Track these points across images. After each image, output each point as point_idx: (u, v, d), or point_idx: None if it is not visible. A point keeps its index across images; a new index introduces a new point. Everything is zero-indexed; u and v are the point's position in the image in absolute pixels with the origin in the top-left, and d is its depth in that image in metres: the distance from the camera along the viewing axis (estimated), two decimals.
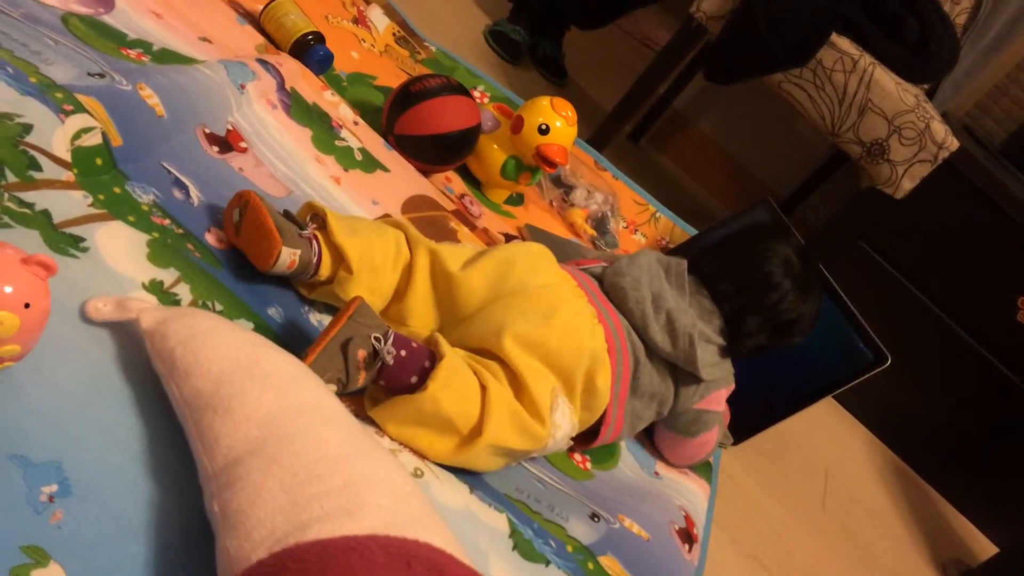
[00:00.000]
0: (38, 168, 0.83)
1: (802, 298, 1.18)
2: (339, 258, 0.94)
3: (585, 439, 1.08)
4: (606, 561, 0.98)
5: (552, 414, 0.95)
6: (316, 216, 0.96)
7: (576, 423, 1.00)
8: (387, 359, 0.85)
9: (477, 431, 0.89)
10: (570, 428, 0.98)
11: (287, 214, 0.94)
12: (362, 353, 0.84)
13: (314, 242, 0.93)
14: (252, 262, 0.92)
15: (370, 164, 1.28)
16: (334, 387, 0.82)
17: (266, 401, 0.67)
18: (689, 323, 1.09)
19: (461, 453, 0.89)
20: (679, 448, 1.22)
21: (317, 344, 0.82)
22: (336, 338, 0.83)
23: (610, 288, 1.12)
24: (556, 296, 1.02)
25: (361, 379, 0.84)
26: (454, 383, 0.87)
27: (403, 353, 0.87)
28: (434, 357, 0.89)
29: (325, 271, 0.94)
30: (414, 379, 0.87)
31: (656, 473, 1.21)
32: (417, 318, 1.00)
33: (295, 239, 0.91)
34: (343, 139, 1.27)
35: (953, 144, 1.80)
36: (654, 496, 1.16)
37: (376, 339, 0.85)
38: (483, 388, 0.90)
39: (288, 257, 0.90)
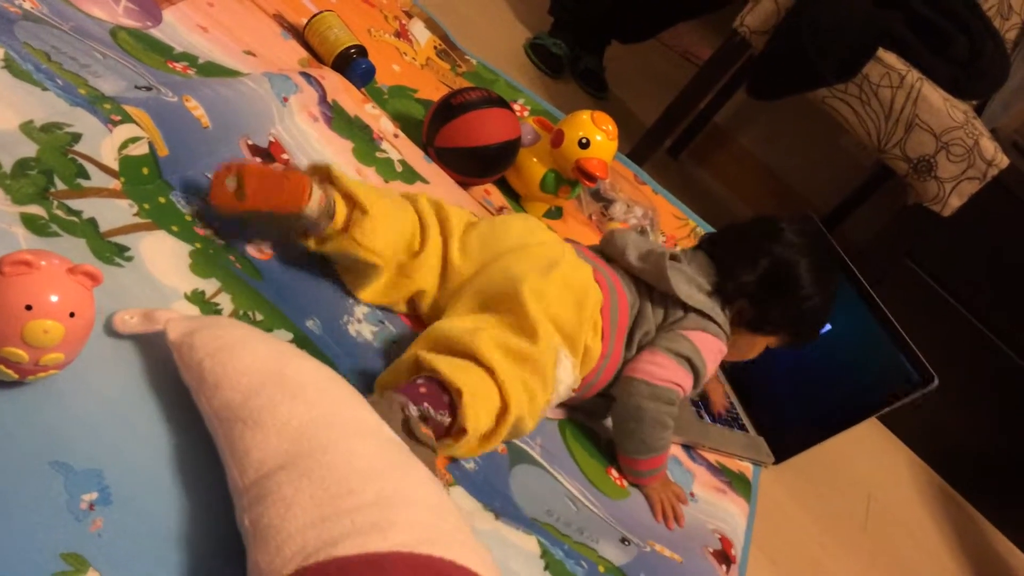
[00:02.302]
0: (86, 176, 0.84)
1: (800, 251, 1.15)
2: (351, 203, 0.94)
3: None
4: None
5: (555, 369, 0.96)
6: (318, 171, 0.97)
7: (578, 376, 1.02)
8: (432, 422, 0.84)
9: (505, 409, 0.90)
10: (572, 382, 1.00)
11: None
12: (423, 428, 0.82)
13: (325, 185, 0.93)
14: (277, 210, 0.89)
15: (410, 176, 1.28)
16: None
17: (297, 413, 0.66)
18: (665, 251, 1.13)
19: (500, 434, 0.90)
20: (644, 358, 1.08)
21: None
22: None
23: (601, 244, 1.19)
24: (555, 252, 1.05)
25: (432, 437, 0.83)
26: (480, 406, 0.87)
27: (430, 409, 0.84)
28: (444, 387, 0.86)
29: (341, 215, 0.93)
30: (448, 420, 0.85)
31: (692, 494, 1.19)
32: (427, 275, 1.02)
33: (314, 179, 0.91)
34: (384, 151, 1.28)
35: (1003, 161, 1.76)
36: (687, 520, 1.13)
37: (407, 418, 0.81)
38: (496, 380, 0.89)
39: (318, 191, 0.90)
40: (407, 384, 0.85)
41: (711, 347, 1.11)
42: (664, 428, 1.08)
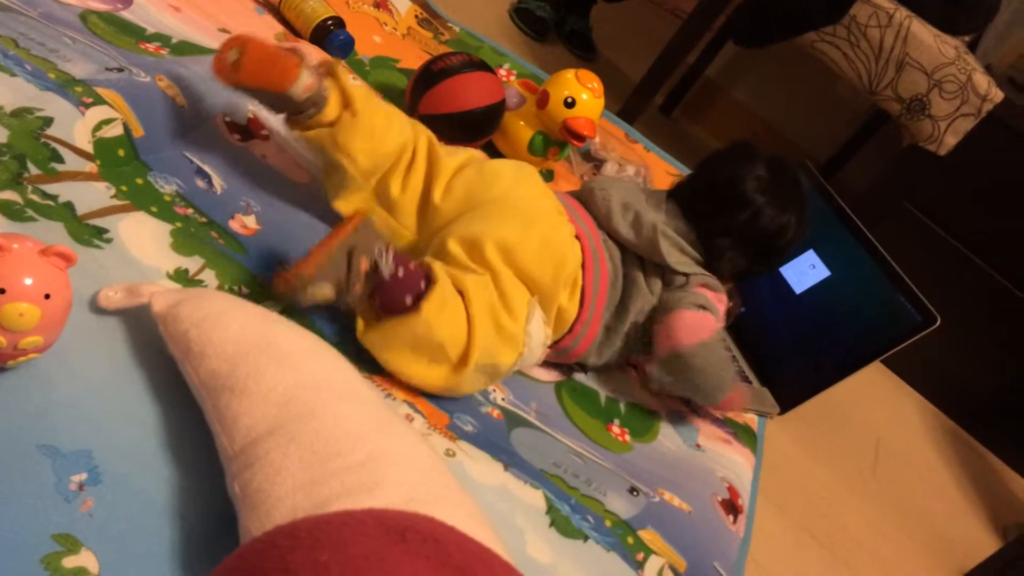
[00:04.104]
0: (60, 160, 0.83)
1: (779, 213, 1.13)
2: (345, 102, 0.94)
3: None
4: (646, 535, 0.96)
5: (528, 324, 0.96)
6: (325, 64, 0.97)
7: (549, 333, 1.01)
8: (385, 273, 0.85)
9: (466, 356, 0.90)
10: (543, 338, 1.00)
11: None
12: (364, 264, 0.85)
13: (322, 79, 0.94)
14: (265, 87, 0.90)
15: None
16: (330, 290, 0.83)
17: (283, 379, 0.66)
18: (658, 220, 1.10)
19: (453, 378, 0.90)
20: (678, 325, 1.07)
21: (321, 246, 0.83)
22: (342, 244, 0.84)
23: (581, 193, 1.16)
24: (536, 209, 1.03)
25: (358, 289, 0.85)
26: (447, 309, 0.89)
27: (400, 272, 0.87)
28: (429, 280, 0.89)
29: (332, 111, 0.94)
30: (408, 299, 0.87)
31: (698, 445, 1.19)
32: (404, 218, 1.02)
33: (309, 66, 0.91)
34: None
35: (997, 95, 1.73)
36: (695, 469, 1.13)
37: (379, 252, 0.86)
38: (466, 309, 0.90)
39: (307, 78, 0.90)
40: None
41: (716, 299, 1.13)
42: (727, 362, 1.12)
